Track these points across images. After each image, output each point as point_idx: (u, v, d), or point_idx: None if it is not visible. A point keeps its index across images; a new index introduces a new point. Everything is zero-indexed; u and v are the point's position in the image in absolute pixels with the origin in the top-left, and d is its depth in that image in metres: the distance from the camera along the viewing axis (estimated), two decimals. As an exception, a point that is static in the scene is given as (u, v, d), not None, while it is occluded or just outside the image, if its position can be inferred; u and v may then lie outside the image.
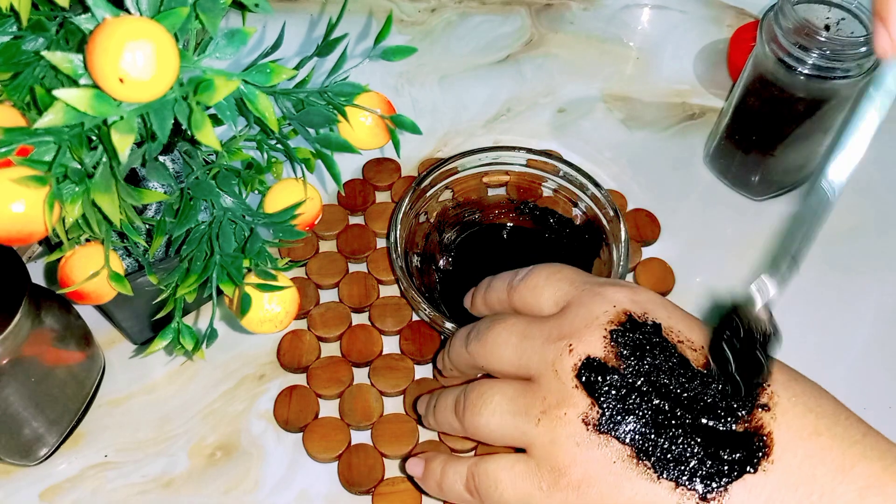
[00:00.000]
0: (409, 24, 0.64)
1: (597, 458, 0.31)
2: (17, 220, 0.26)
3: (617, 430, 0.31)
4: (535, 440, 0.32)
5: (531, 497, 0.32)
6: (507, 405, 0.33)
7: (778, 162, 0.51)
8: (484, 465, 0.34)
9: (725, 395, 0.31)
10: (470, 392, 0.35)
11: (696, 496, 0.30)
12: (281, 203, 0.34)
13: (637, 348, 0.32)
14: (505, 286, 0.38)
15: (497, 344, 0.35)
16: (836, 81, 0.45)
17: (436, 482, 0.36)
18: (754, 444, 0.30)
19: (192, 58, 0.27)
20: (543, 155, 0.49)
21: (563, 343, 0.33)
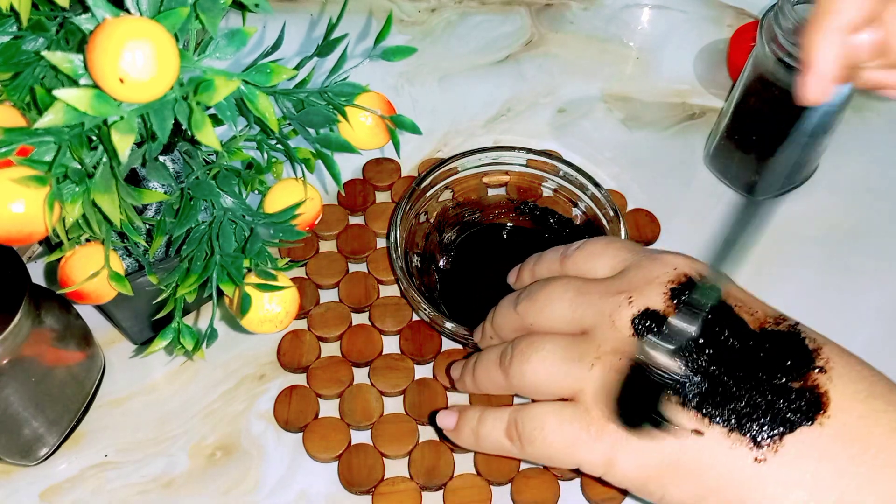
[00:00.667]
0: (409, 24, 0.64)
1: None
2: (18, 220, 0.26)
3: (669, 379, 0.31)
4: (588, 385, 0.32)
5: (578, 439, 0.32)
6: (560, 352, 0.33)
7: (778, 162, 0.51)
8: (529, 409, 0.34)
9: (784, 353, 0.32)
10: (519, 342, 0.35)
11: (748, 443, 0.30)
12: (281, 203, 0.35)
13: (695, 306, 0.32)
14: (557, 256, 0.38)
15: (551, 299, 0.35)
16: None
17: (471, 429, 0.36)
18: (811, 400, 0.31)
19: (192, 58, 0.27)
20: (543, 155, 0.49)
21: (623, 296, 0.33)
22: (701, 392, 0.31)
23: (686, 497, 0.31)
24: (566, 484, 0.42)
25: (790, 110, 0.48)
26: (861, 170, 0.55)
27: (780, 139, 0.49)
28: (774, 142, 0.50)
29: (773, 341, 0.32)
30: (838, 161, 0.55)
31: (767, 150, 0.50)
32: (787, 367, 0.31)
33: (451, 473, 0.42)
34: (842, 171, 0.55)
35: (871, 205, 0.54)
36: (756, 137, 0.50)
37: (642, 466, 0.32)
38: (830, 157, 0.54)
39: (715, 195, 0.54)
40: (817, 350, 0.32)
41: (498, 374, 0.36)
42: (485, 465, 0.42)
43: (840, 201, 0.54)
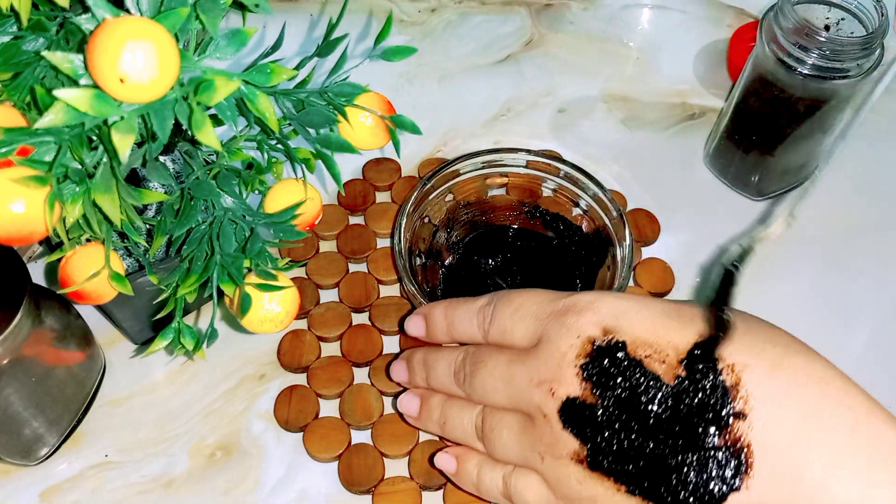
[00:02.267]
0: (409, 24, 0.64)
1: (598, 495, 0.32)
2: (18, 220, 0.26)
3: (606, 467, 0.31)
4: (545, 475, 0.34)
5: None
6: (514, 439, 0.35)
7: (778, 162, 0.51)
8: (514, 483, 0.35)
9: (700, 407, 0.30)
10: (485, 422, 0.36)
11: None
12: (281, 203, 0.35)
13: (608, 379, 0.32)
14: (476, 329, 0.38)
15: (486, 390, 0.36)
16: (835, 81, 0.45)
17: (472, 483, 0.38)
18: (734, 460, 0.30)
19: (192, 58, 0.27)
20: (550, 157, 0.49)
21: (545, 387, 0.33)
22: (637, 478, 0.31)
23: None
24: (566, 484, 0.42)
25: (790, 110, 0.48)
26: (861, 169, 0.55)
27: (780, 139, 0.49)
28: (774, 142, 0.50)
29: (690, 396, 0.31)
30: (838, 161, 0.55)
31: (767, 150, 0.50)
32: (707, 423, 0.30)
33: (452, 473, 0.42)
34: (842, 170, 0.55)
35: (871, 205, 0.54)
36: (756, 137, 0.50)
37: None
38: (833, 156, 0.54)
39: (715, 195, 0.54)
40: (736, 386, 0.30)
41: (478, 445, 0.37)
42: (485, 465, 0.42)
43: (840, 201, 0.54)
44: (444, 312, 0.39)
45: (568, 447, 0.32)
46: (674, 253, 0.51)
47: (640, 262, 0.50)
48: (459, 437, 0.38)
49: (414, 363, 0.41)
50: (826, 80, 0.45)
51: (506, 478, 0.36)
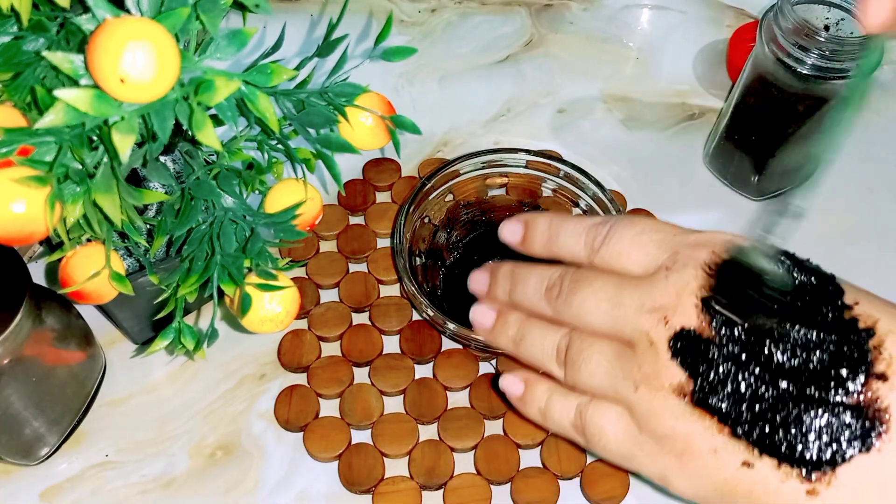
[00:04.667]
0: (409, 24, 0.64)
1: (696, 432, 0.30)
2: (18, 221, 0.27)
3: (712, 405, 0.30)
4: (635, 406, 0.32)
5: (633, 456, 0.32)
6: (606, 366, 0.33)
7: (777, 162, 0.51)
8: (594, 408, 0.33)
9: (835, 361, 0.28)
10: (572, 345, 0.34)
11: (799, 476, 0.28)
12: (281, 203, 0.35)
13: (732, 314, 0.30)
14: (583, 246, 0.35)
15: (585, 310, 0.34)
16: (835, 81, 0.45)
17: (538, 409, 0.36)
18: (867, 420, 0.28)
19: (192, 58, 0.27)
20: (550, 157, 0.49)
21: (658, 315, 0.31)
22: (748, 421, 0.29)
23: None
24: (566, 483, 0.42)
25: (790, 110, 0.48)
26: (861, 169, 0.56)
27: (779, 139, 0.49)
28: (774, 142, 0.50)
29: (824, 348, 0.29)
30: (838, 161, 0.55)
31: (767, 151, 0.50)
32: (842, 379, 0.28)
33: (451, 473, 0.42)
34: (842, 170, 0.55)
35: (871, 205, 0.54)
36: (756, 137, 0.50)
37: (699, 491, 0.31)
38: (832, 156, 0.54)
39: (715, 195, 0.54)
40: (878, 348, 0.28)
41: (556, 368, 0.35)
42: (485, 465, 0.42)
43: (840, 201, 0.54)
44: (550, 222, 0.37)
45: (672, 378, 0.30)
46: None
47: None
48: (536, 357, 0.36)
49: (499, 274, 0.38)
50: (825, 80, 0.45)
51: (581, 407, 0.34)
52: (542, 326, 0.36)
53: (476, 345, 0.43)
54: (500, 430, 0.43)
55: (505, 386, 0.37)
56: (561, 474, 0.42)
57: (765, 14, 0.47)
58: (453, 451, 0.42)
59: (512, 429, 0.43)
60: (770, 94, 0.47)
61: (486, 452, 0.42)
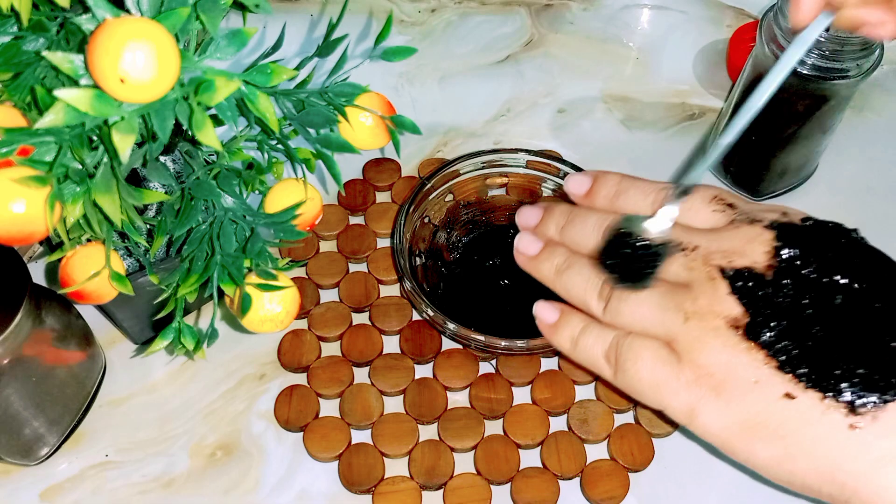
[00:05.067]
0: (409, 24, 0.64)
1: (742, 363, 0.31)
2: (18, 221, 0.27)
3: (766, 339, 0.31)
4: (681, 335, 0.32)
5: (665, 383, 0.32)
6: (657, 298, 0.33)
7: (777, 162, 0.51)
8: (633, 339, 0.34)
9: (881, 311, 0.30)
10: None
11: (844, 409, 0.29)
12: (281, 203, 0.35)
13: (794, 266, 0.32)
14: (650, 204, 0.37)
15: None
16: (835, 81, 0.45)
17: (571, 336, 0.36)
18: None
19: (192, 58, 0.27)
20: (550, 157, 0.49)
21: (723, 256, 0.33)
22: (798, 356, 0.30)
23: (775, 457, 0.31)
24: (566, 483, 0.42)
25: (790, 110, 0.48)
26: (861, 169, 0.56)
27: (779, 139, 0.49)
28: (774, 142, 0.50)
29: (882, 293, 0.31)
30: (838, 161, 0.55)
31: (767, 151, 0.50)
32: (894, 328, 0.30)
33: (451, 473, 0.42)
34: (842, 170, 0.55)
35: (871, 205, 0.54)
36: (755, 138, 0.50)
37: (726, 425, 0.31)
38: (830, 157, 0.54)
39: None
40: None
41: (595, 302, 0.35)
42: (485, 465, 0.42)
43: (840, 201, 0.54)
44: (620, 180, 0.38)
45: (729, 311, 0.32)
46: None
47: (639, 262, 0.50)
48: (578, 287, 0.36)
49: (556, 211, 0.39)
50: (825, 80, 0.45)
51: (618, 338, 0.34)
52: (591, 261, 0.36)
53: (476, 345, 0.43)
54: (500, 430, 0.43)
55: (539, 311, 0.37)
56: (561, 474, 0.42)
57: (765, 14, 0.47)
58: (453, 451, 0.42)
59: (512, 429, 0.43)
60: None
61: (486, 452, 0.42)
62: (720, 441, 0.32)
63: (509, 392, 0.44)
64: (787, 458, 0.30)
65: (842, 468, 0.29)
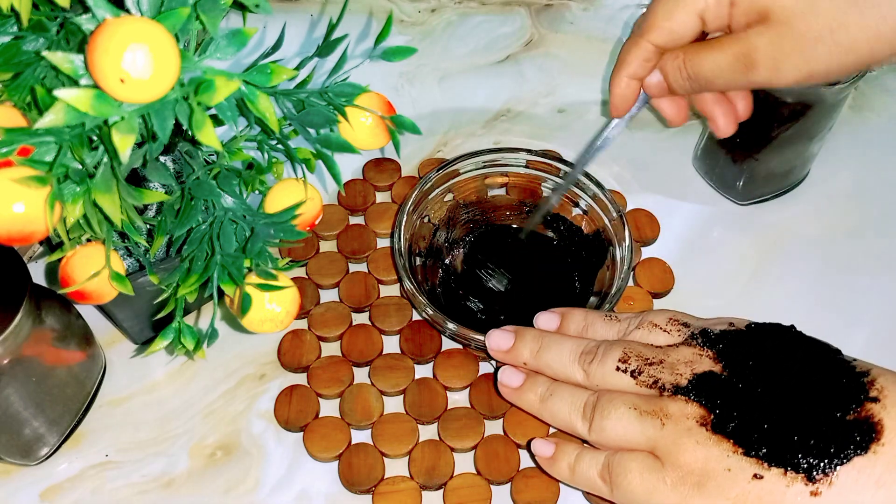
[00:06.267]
0: (409, 24, 0.64)
1: (714, 456, 0.34)
2: (18, 220, 0.27)
3: (729, 430, 0.34)
4: (660, 441, 0.36)
5: (656, 489, 0.35)
6: (635, 413, 0.37)
7: (761, 166, 0.51)
8: (620, 456, 0.37)
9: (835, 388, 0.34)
10: (601, 398, 0.38)
11: (803, 479, 0.32)
12: (281, 203, 0.35)
13: (743, 365, 0.36)
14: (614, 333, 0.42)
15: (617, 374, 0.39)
16: (821, 88, 0.45)
17: (568, 465, 0.39)
18: (865, 430, 0.33)
19: (192, 58, 0.27)
20: (550, 157, 0.49)
21: (684, 366, 0.37)
22: (758, 440, 0.34)
23: None
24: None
25: (774, 113, 0.47)
26: (860, 169, 0.55)
27: (763, 142, 0.49)
28: (758, 145, 0.49)
29: (824, 373, 0.35)
30: (838, 160, 0.55)
31: (751, 153, 0.50)
32: (842, 401, 0.34)
33: (451, 473, 0.42)
34: (841, 170, 0.55)
35: (870, 205, 0.54)
36: (740, 140, 0.50)
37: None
38: (827, 159, 0.54)
39: (702, 197, 0.54)
40: (871, 382, 0.34)
41: (580, 424, 0.39)
42: (485, 465, 0.42)
43: (839, 201, 0.54)
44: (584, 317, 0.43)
45: (693, 412, 0.35)
46: (673, 253, 0.51)
47: (639, 263, 0.50)
48: (563, 412, 0.39)
49: (527, 336, 0.42)
50: (813, 85, 0.44)
51: (608, 457, 0.37)
52: (571, 386, 0.40)
53: (476, 345, 0.43)
54: (500, 430, 0.43)
55: (537, 448, 0.40)
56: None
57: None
58: (453, 451, 0.42)
59: (512, 429, 0.43)
60: (756, 97, 0.47)
61: (486, 452, 0.42)
62: None
63: (509, 392, 0.44)
64: None
65: None
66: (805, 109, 0.46)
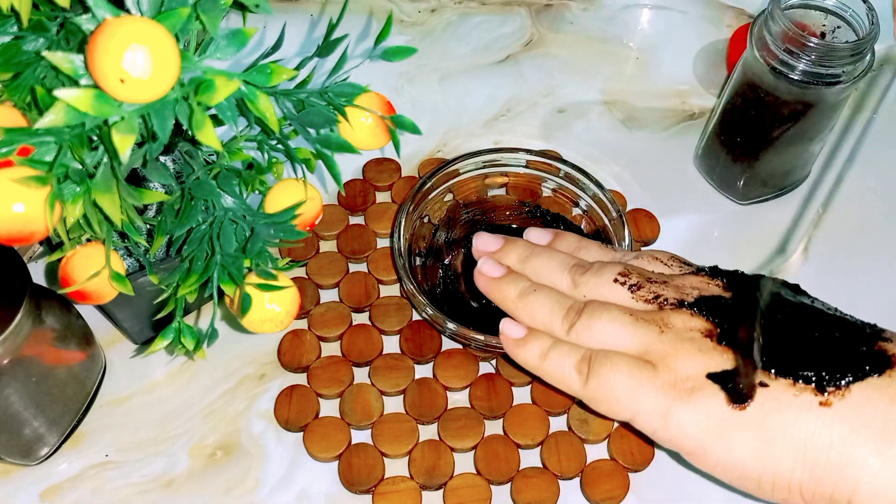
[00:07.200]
0: (409, 24, 0.64)
1: (716, 364, 0.33)
2: (18, 220, 0.27)
3: (734, 343, 0.33)
4: (656, 346, 0.34)
5: (641, 387, 0.34)
6: (629, 318, 0.36)
7: (761, 166, 0.51)
8: (604, 355, 0.35)
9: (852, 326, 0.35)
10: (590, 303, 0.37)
11: (813, 390, 0.32)
12: (281, 203, 0.35)
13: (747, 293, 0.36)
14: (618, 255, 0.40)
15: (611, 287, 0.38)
16: (822, 88, 0.45)
17: (541, 350, 0.37)
18: (879, 359, 0.33)
19: (192, 58, 0.27)
20: (550, 157, 0.49)
21: (691, 288, 0.36)
22: (769, 353, 0.33)
23: (751, 447, 0.32)
24: (566, 483, 0.42)
25: (775, 113, 0.47)
26: (861, 169, 0.55)
27: (764, 143, 0.49)
28: (759, 145, 0.49)
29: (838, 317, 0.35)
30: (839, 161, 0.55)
31: (752, 153, 0.50)
32: (857, 337, 0.34)
33: (451, 473, 0.42)
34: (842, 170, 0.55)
35: (871, 205, 0.54)
36: (741, 139, 0.50)
37: (702, 421, 0.33)
38: (830, 157, 0.54)
39: (703, 196, 0.54)
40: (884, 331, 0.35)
41: (559, 324, 0.37)
42: (485, 465, 0.42)
43: (841, 201, 0.54)
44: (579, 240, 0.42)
45: (700, 325, 0.35)
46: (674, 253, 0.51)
47: (639, 262, 0.50)
48: (545, 307, 0.38)
49: (518, 244, 0.41)
50: (813, 85, 0.44)
51: (591, 352, 0.36)
52: (558, 290, 0.38)
53: (476, 344, 0.43)
54: (500, 430, 0.43)
55: (505, 327, 0.38)
56: (561, 474, 0.42)
57: (755, 19, 0.47)
58: (453, 451, 0.42)
59: (512, 429, 0.43)
60: (757, 96, 0.47)
61: (486, 452, 0.42)
62: (694, 440, 0.33)
63: (509, 392, 0.44)
64: (762, 444, 0.32)
65: (815, 446, 0.31)
66: (806, 109, 0.46)
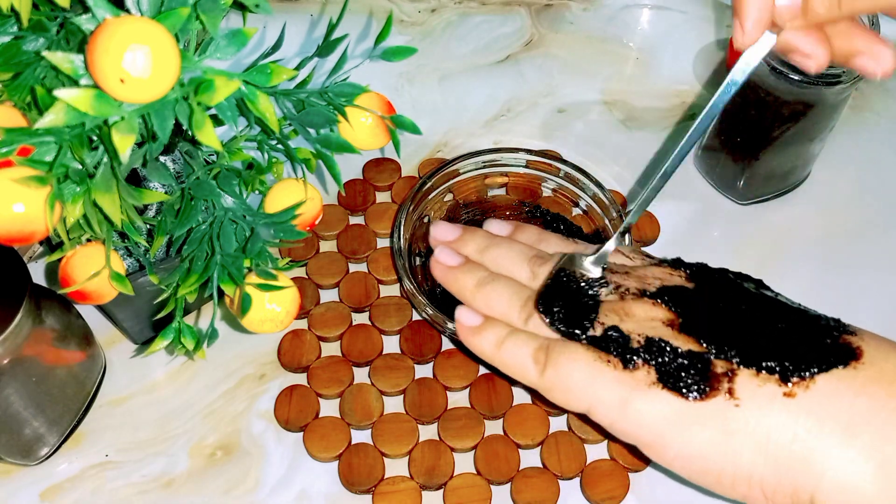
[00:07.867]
0: (409, 24, 0.64)
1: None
2: (19, 220, 0.27)
3: (696, 332, 0.33)
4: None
5: (601, 377, 0.33)
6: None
7: (761, 166, 0.51)
8: (562, 346, 0.35)
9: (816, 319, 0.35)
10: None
11: (777, 381, 0.32)
12: (281, 203, 0.35)
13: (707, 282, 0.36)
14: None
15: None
16: (822, 88, 0.45)
17: (497, 339, 0.37)
18: (843, 351, 0.32)
19: (192, 58, 0.27)
20: (550, 157, 0.49)
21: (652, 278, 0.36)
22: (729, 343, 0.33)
23: (712, 438, 0.32)
24: (566, 483, 0.42)
25: (775, 113, 0.47)
26: (861, 169, 0.55)
27: (763, 143, 0.49)
28: (758, 145, 0.49)
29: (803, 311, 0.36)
30: (834, 164, 0.55)
31: (751, 153, 0.50)
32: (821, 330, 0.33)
33: (451, 473, 0.42)
34: (842, 171, 0.55)
35: (871, 205, 0.54)
36: (741, 139, 0.50)
37: (662, 411, 0.32)
38: (826, 160, 0.54)
39: (702, 196, 0.54)
40: (848, 325, 0.34)
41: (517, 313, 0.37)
42: (485, 465, 0.42)
43: (840, 201, 0.54)
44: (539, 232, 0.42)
45: (661, 315, 0.34)
46: (673, 253, 0.50)
47: (639, 262, 0.50)
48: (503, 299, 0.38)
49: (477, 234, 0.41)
50: (813, 85, 0.44)
51: (549, 342, 0.35)
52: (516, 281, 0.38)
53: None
54: (500, 430, 0.43)
55: (461, 315, 0.38)
56: (561, 474, 0.42)
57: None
58: (453, 451, 0.42)
59: (512, 429, 0.43)
60: (757, 96, 0.47)
61: (486, 452, 0.42)
62: (652, 432, 0.33)
63: (509, 392, 0.44)
64: (723, 436, 0.32)
65: (777, 439, 0.31)
66: (806, 109, 0.46)
